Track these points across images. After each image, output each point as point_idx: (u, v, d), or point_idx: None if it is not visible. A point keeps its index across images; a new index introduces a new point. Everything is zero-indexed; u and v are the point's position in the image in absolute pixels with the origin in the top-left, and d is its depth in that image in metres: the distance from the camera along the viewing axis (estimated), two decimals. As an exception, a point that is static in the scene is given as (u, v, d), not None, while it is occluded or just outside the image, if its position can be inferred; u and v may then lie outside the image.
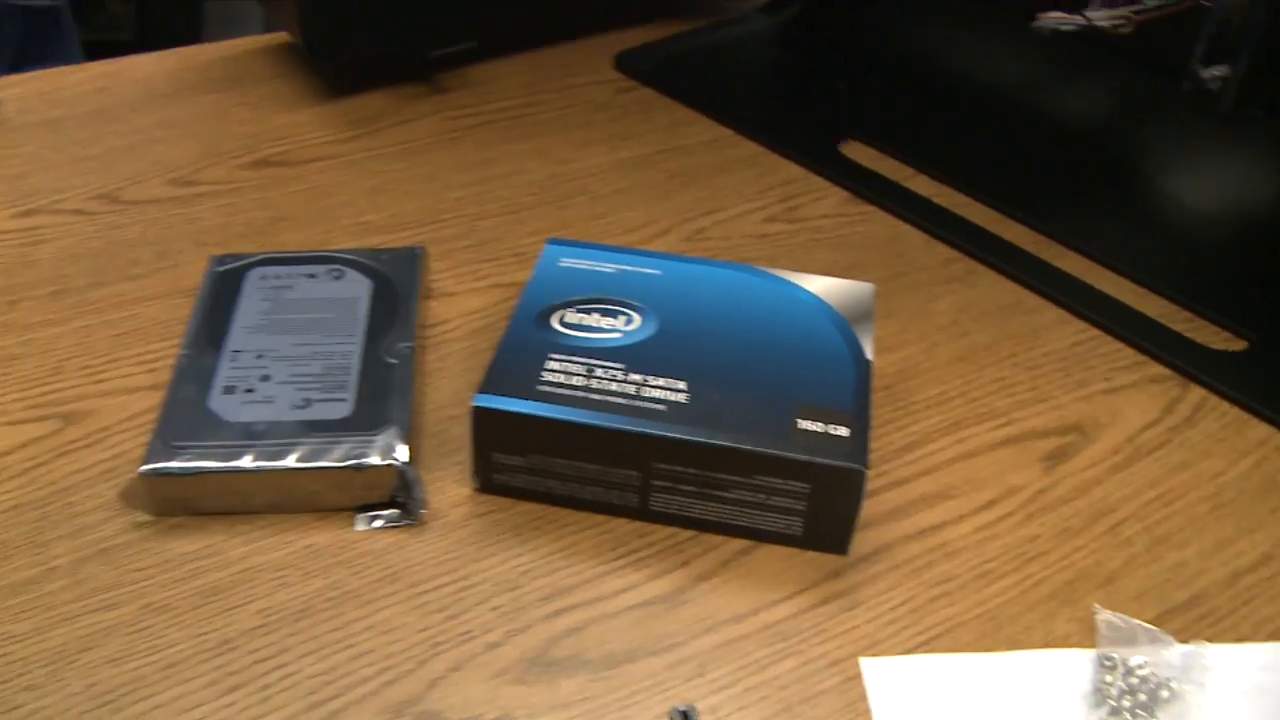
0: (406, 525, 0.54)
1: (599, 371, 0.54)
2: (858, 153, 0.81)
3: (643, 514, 0.54)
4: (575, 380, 0.53)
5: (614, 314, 0.57)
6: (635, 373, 0.54)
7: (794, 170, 0.80)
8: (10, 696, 0.47)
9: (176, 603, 0.50)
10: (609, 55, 0.93)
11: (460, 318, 0.66)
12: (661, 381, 0.54)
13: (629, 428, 0.51)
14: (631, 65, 0.91)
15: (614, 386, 0.53)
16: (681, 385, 0.54)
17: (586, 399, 0.53)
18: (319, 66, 0.90)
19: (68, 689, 0.47)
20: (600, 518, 0.55)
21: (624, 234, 0.73)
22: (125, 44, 1.13)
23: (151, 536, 0.53)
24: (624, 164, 0.80)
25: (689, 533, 0.54)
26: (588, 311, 0.57)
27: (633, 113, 0.86)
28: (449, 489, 0.56)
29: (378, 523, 0.54)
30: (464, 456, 0.57)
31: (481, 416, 0.53)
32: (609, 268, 0.60)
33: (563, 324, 0.56)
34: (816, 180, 0.79)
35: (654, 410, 0.52)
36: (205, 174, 0.78)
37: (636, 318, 0.57)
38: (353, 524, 0.54)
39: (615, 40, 0.95)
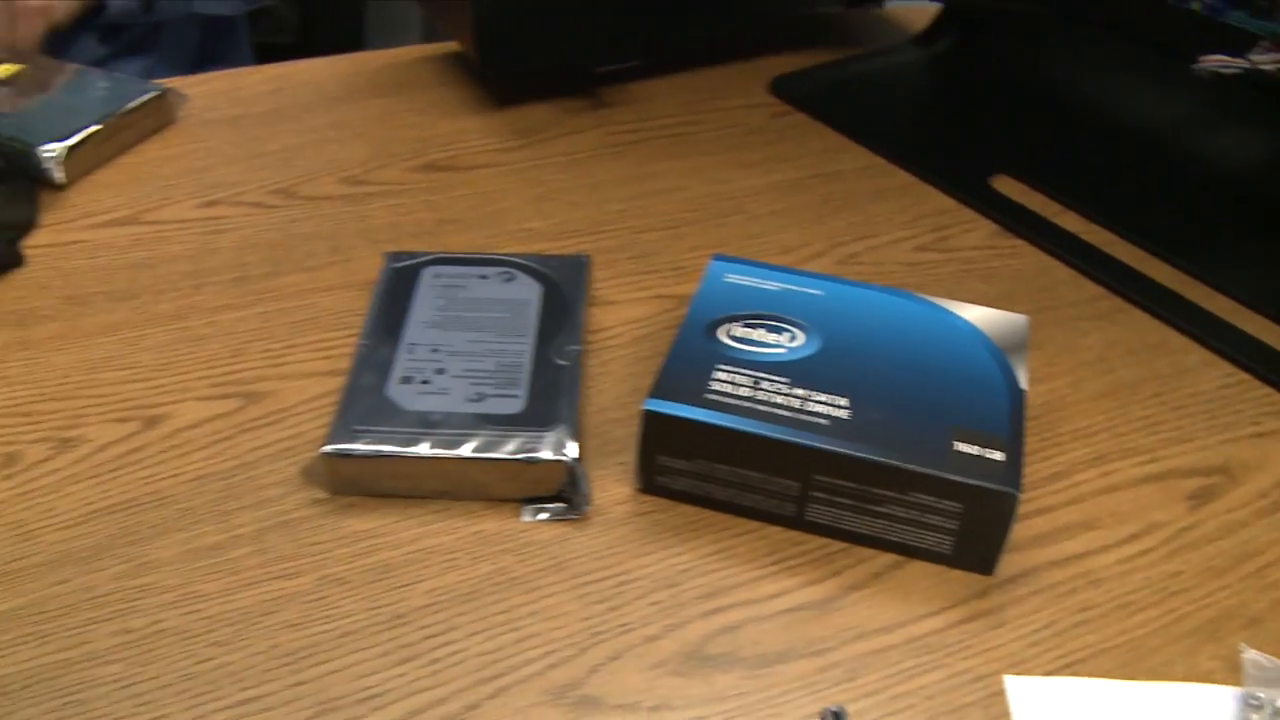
0: (571, 519, 0.56)
1: (765, 384, 0.56)
2: (1008, 187, 0.82)
3: (798, 523, 0.56)
4: (742, 391, 0.55)
5: (779, 330, 0.59)
6: (799, 387, 0.56)
7: (945, 201, 0.82)
8: (201, 650, 0.50)
9: (352, 577, 0.53)
10: (762, 79, 0.95)
11: (622, 326, 0.68)
12: (824, 397, 0.55)
13: (793, 439, 0.53)
14: (786, 90, 0.93)
15: (779, 399, 0.55)
16: (843, 402, 0.55)
17: (753, 409, 0.55)
18: (483, 77, 0.93)
19: (252, 648, 0.50)
20: (756, 524, 0.57)
21: (779, 255, 0.75)
22: (289, 46, 1.18)
23: (329, 513, 0.56)
24: (779, 186, 0.82)
25: (841, 544, 0.56)
26: (754, 326, 0.59)
27: (787, 137, 0.88)
28: (611, 487, 0.58)
29: (543, 515, 0.56)
30: (626, 457, 0.60)
31: (651, 420, 0.55)
32: (773, 285, 0.62)
33: (729, 337, 0.59)
34: (967, 212, 0.81)
35: (817, 424, 0.54)
36: (376, 174, 0.81)
37: (800, 335, 0.59)
38: (520, 514, 0.56)
39: (768, 65, 0.97)
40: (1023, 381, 0.57)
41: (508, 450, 0.55)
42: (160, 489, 0.57)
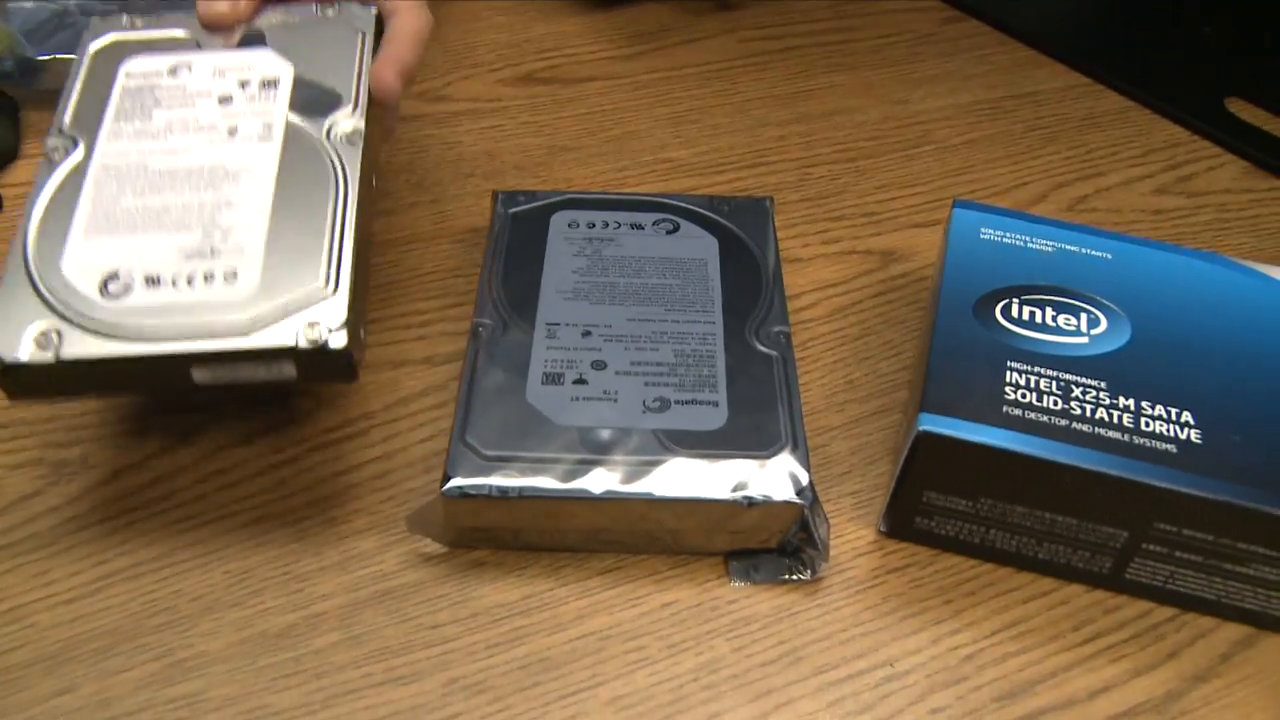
0: (800, 580, 0.39)
1: (1078, 391, 0.38)
2: (1248, 113, 0.65)
3: (1112, 582, 0.39)
4: (1051, 401, 0.38)
5: (1073, 310, 0.42)
6: (1122, 395, 0.38)
7: (1174, 131, 0.64)
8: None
9: (495, 680, 0.36)
10: (920, -22, 0.77)
11: (815, 291, 0.51)
12: (1160, 410, 0.38)
13: (1137, 476, 0.36)
14: (953, -9, 0.75)
15: (1101, 414, 0.38)
16: (1187, 418, 0.38)
17: (1069, 429, 0.37)
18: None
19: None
20: (1049, 583, 0.40)
21: (992, 197, 0.57)
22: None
23: (448, 577, 0.39)
24: (969, 110, 0.64)
25: (1166, 610, 0.39)
26: (1039, 305, 0.42)
27: (965, 49, 0.70)
28: (844, 530, 0.41)
29: (759, 575, 0.39)
30: (856, 484, 0.42)
31: (927, 444, 0.37)
32: (1045, 245, 0.45)
33: (1009, 318, 0.41)
34: (1205, 145, 0.63)
35: (1159, 451, 0.37)
36: (458, 89, 0.63)
37: (1101, 318, 0.41)
38: (728, 576, 0.39)
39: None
40: None
41: (716, 485, 0.37)
42: (196, 539, 0.40)
